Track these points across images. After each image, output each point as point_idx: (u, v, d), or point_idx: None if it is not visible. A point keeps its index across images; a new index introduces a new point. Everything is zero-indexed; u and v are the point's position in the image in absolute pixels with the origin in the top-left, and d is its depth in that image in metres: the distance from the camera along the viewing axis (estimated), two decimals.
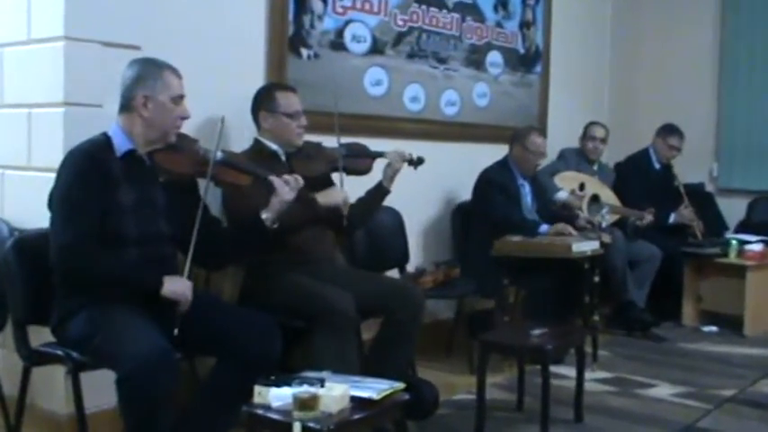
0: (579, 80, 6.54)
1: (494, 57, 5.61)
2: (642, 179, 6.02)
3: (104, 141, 2.95)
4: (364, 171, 3.93)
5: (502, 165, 5.06)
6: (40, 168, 3.39)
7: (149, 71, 2.98)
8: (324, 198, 3.62)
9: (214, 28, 3.88)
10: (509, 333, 4.04)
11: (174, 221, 3.03)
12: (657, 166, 6.12)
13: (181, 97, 3.02)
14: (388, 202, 4.04)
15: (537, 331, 3.73)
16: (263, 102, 3.76)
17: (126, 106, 2.98)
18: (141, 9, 3.54)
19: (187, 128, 3.20)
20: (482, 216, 4.91)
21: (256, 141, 3.78)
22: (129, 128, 2.98)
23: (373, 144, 4.04)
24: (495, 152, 5.17)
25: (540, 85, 6.06)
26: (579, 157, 5.95)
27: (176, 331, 2.84)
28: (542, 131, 5.39)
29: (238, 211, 3.44)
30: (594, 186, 5.63)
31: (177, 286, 2.87)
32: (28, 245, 3.09)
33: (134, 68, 3.00)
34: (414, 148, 4.10)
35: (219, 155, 3.09)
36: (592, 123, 6.02)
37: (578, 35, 6.52)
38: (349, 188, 3.78)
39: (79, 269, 2.80)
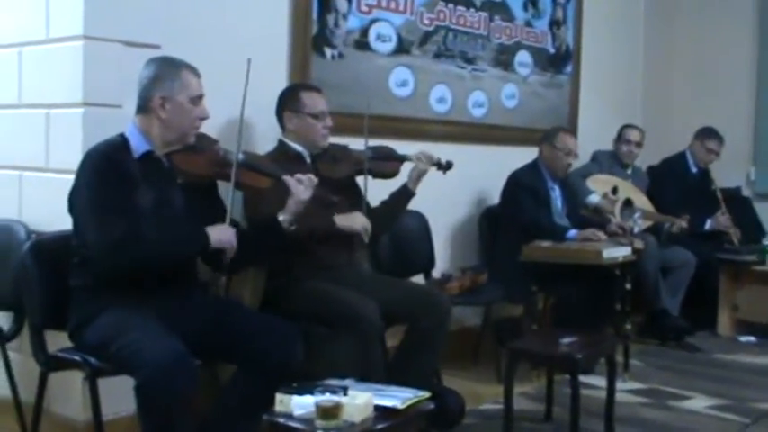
0: (611, 81, 6.52)
1: (523, 57, 5.61)
2: (678, 183, 5.98)
3: (121, 142, 2.96)
4: (391, 174, 3.94)
5: (531, 167, 5.06)
6: (59, 170, 3.42)
7: (167, 71, 2.99)
8: (343, 222, 3.62)
9: (236, 27, 3.90)
10: (537, 341, 4.02)
11: (193, 223, 3.04)
12: (694, 170, 6.09)
13: (200, 97, 3.03)
14: (414, 205, 4.05)
15: (566, 339, 3.71)
16: (287, 102, 3.78)
17: (143, 107, 3.00)
18: (162, 8, 3.57)
19: (207, 129, 3.22)
20: (510, 220, 4.91)
21: (281, 143, 3.80)
22: (146, 129, 2.99)
23: (398, 146, 4.07)
24: (523, 155, 5.17)
25: (571, 86, 6.05)
26: (612, 161, 5.92)
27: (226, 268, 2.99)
28: (572, 132, 5.37)
29: (259, 214, 3.45)
30: (627, 190, 5.60)
31: (223, 234, 2.96)
32: (46, 248, 3.11)
33: (151, 68, 3.01)
34: (440, 150, 4.11)
35: (240, 156, 3.11)
36: (627, 126, 5.98)
37: (610, 34, 6.49)
38: (374, 191, 3.79)
39: (134, 261, 2.80)
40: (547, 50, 5.82)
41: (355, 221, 3.63)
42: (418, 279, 4.63)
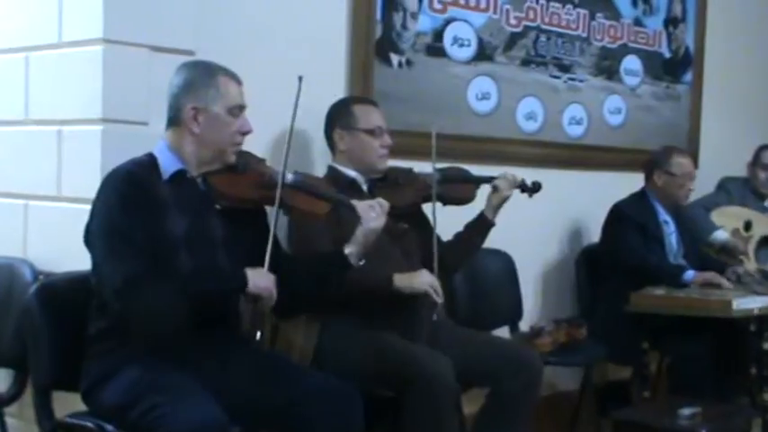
0: (742, 91, 6.43)
1: (631, 62, 5.61)
2: None
3: (149, 162, 3.01)
4: (465, 200, 3.97)
5: (639, 197, 5.04)
6: (72, 199, 3.48)
7: (200, 77, 3.03)
8: (403, 282, 3.57)
9: (285, 29, 3.96)
10: (650, 411, 4.00)
11: (235, 256, 3.06)
12: None
13: (240, 108, 3.07)
14: (497, 242, 4.05)
15: (687, 411, 3.68)
16: (337, 118, 3.83)
17: (173, 120, 3.04)
18: (196, 7, 3.62)
19: (252, 146, 3.25)
20: (614, 261, 4.89)
21: (331, 169, 3.84)
22: (177, 145, 3.03)
23: (478, 172, 4.09)
24: (630, 182, 5.16)
25: (691, 98, 6.01)
26: (745, 189, 5.83)
27: (259, 334, 2.96)
28: (690, 154, 5.33)
29: (313, 245, 3.48)
30: (764, 226, 5.53)
31: (262, 281, 2.94)
32: (56, 292, 3.14)
33: (182, 74, 3.06)
34: (529, 176, 4.10)
35: (290, 177, 3.14)
36: (766, 147, 5.88)
37: (742, 33, 6.41)
38: (445, 221, 3.79)
39: (152, 302, 2.80)
40: (661, 54, 5.80)
41: (418, 281, 3.58)
42: (502, 332, 4.63)
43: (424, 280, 3.58)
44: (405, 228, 3.51)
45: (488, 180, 3.97)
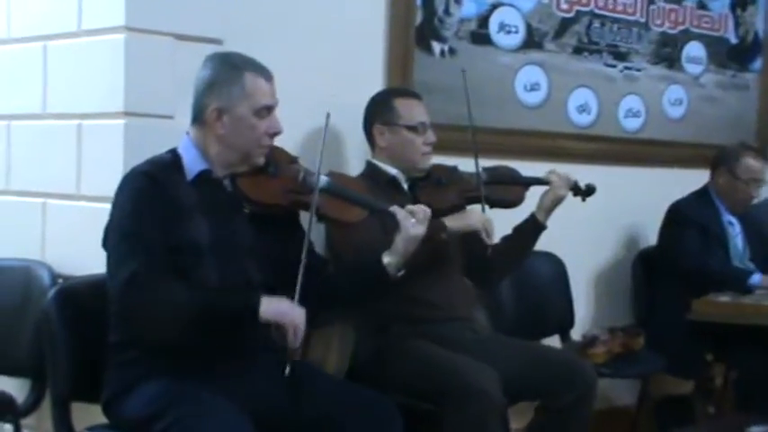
0: None
1: (694, 49, 5.58)
2: None
3: (172, 161, 3.01)
4: (513, 202, 3.95)
5: (700, 196, 5.04)
6: (93, 197, 3.51)
7: (225, 74, 3.00)
8: (455, 222, 3.61)
9: (318, 16, 3.97)
10: (715, 429, 3.97)
11: (267, 265, 3.08)
12: None
13: (268, 108, 3.03)
14: (546, 245, 4.03)
15: (757, 429, 3.65)
16: (377, 113, 3.83)
17: (197, 118, 3.04)
18: None
19: (284, 142, 3.24)
20: (673, 265, 4.88)
21: (369, 165, 3.86)
22: (203, 144, 3.03)
23: (526, 169, 4.07)
24: (692, 180, 5.16)
25: (761, 88, 5.98)
26: None
27: (288, 370, 2.86)
28: (760, 151, 5.29)
29: (349, 253, 3.50)
30: None
31: (282, 307, 2.87)
32: (75, 296, 3.16)
33: (207, 69, 3.04)
34: (581, 173, 4.10)
35: (324, 180, 3.14)
36: None
37: None
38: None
39: (150, 304, 2.78)
40: (727, 40, 5.76)
41: (471, 219, 3.64)
42: (552, 342, 4.63)
43: (476, 217, 3.64)
44: (444, 238, 3.49)
45: (540, 181, 3.94)
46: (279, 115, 3.08)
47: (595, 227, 4.86)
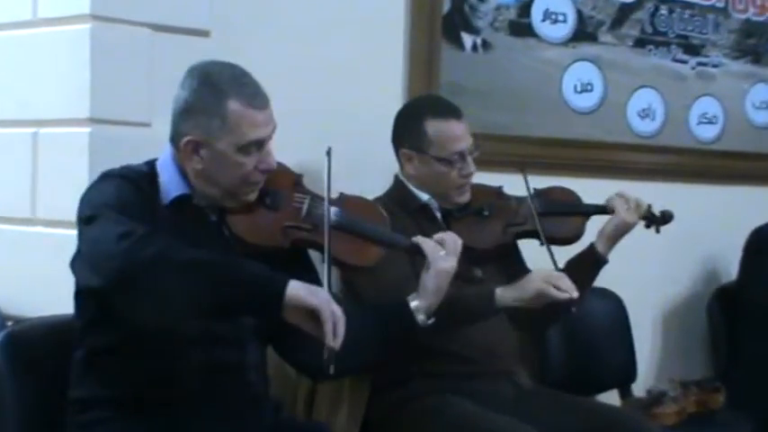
0: None
1: None
2: None
3: (147, 175, 2.93)
4: (571, 238, 3.91)
5: None
6: (51, 222, 3.49)
7: (204, 99, 2.86)
8: (511, 294, 3.51)
9: (323, 3, 3.96)
10: None
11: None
12: None
13: (258, 144, 2.89)
14: (604, 281, 4.01)
15: None
16: (405, 134, 3.77)
17: (174, 142, 2.93)
18: None
19: (286, 157, 3.15)
20: (758, 305, 4.87)
21: (398, 184, 3.82)
22: (183, 165, 2.93)
23: (576, 186, 4.04)
24: None
25: None
26: None
27: (332, 368, 2.66)
28: None
29: (371, 295, 3.47)
30: None
31: (320, 291, 2.68)
32: (26, 343, 3.11)
33: (185, 89, 2.91)
34: (644, 192, 4.06)
35: (334, 214, 3.05)
36: None
37: None
38: (534, 254, 3.77)
39: (159, 257, 2.58)
40: None
41: (530, 286, 3.47)
42: (610, 398, 4.61)
43: (538, 284, 3.44)
44: (478, 275, 3.42)
45: (605, 210, 3.88)
46: (278, 121, 2.96)
47: (662, 258, 4.86)
